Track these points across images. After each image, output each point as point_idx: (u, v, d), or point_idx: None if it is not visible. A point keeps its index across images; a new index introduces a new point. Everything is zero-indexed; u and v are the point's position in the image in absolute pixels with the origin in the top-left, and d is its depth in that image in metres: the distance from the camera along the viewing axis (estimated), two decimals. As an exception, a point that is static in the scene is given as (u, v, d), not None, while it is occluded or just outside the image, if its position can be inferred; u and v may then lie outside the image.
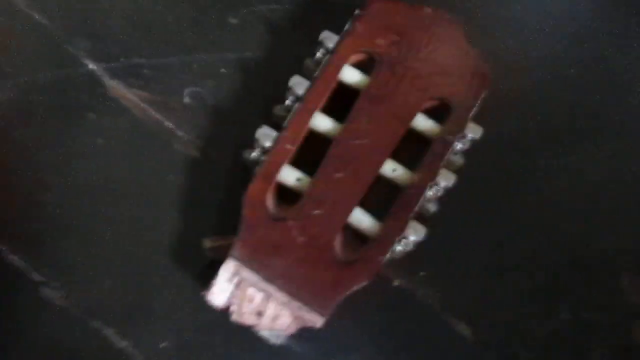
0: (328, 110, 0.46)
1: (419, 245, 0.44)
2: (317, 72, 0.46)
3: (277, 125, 0.45)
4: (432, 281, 0.48)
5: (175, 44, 0.51)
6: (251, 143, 0.45)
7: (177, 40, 0.51)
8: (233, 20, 0.52)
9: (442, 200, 0.46)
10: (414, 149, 0.46)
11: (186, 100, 0.50)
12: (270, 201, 0.44)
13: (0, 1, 0.52)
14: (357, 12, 0.47)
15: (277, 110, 0.46)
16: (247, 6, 0.53)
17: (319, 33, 0.46)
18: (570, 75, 0.52)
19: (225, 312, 0.41)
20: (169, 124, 0.50)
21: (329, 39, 0.47)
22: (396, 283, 0.48)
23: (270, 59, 0.51)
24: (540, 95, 0.52)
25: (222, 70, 0.51)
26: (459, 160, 0.47)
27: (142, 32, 0.52)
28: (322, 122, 0.45)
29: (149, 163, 0.49)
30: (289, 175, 0.44)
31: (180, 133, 0.50)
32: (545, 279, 0.48)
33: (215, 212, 0.48)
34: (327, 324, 0.43)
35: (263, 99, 0.49)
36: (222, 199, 0.48)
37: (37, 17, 0.52)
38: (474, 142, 0.46)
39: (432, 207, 0.46)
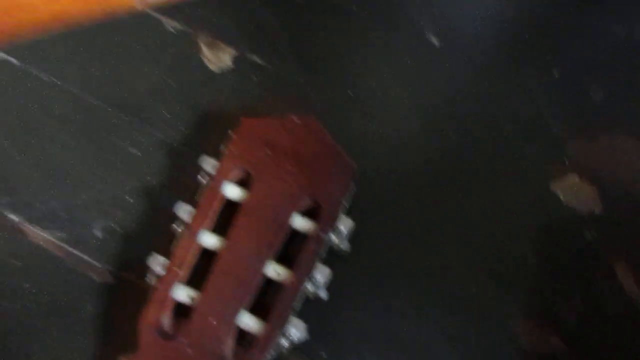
0: (221, 226, 0.52)
1: (313, 330, 0.49)
2: (198, 196, 0.52)
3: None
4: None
5: (84, 184, 0.58)
6: (153, 267, 0.51)
7: (85, 180, 0.58)
8: (133, 150, 0.59)
9: (328, 288, 0.51)
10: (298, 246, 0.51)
11: (98, 233, 0.57)
12: (166, 319, 0.50)
13: None
14: (230, 133, 0.53)
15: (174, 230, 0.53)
16: (144, 135, 0.59)
17: (216, 152, 0.53)
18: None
19: None
20: (86, 257, 0.56)
21: (206, 162, 0.53)
22: (298, 367, 0.53)
23: (171, 181, 0.58)
24: (417, 167, 0.58)
25: (129, 199, 0.58)
26: (344, 246, 0.52)
27: (53, 178, 0.58)
28: (209, 240, 0.51)
29: (68, 297, 0.56)
30: (182, 294, 0.50)
31: (97, 264, 0.56)
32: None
33: (133, 334, 0.54)
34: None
35: (169, 220, 0.55)
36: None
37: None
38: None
39: (322, 294, 0.52)
